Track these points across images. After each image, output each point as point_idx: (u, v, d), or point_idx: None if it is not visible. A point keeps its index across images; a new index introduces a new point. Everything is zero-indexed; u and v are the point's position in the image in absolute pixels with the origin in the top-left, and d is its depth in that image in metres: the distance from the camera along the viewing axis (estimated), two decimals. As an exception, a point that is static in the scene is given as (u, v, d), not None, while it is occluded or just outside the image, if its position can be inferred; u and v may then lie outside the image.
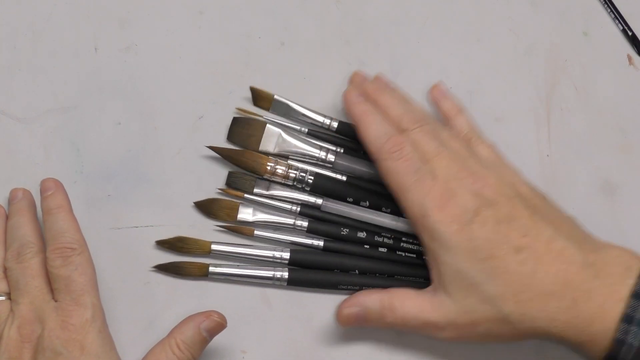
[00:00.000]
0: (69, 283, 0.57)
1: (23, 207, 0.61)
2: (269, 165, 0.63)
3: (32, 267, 0.58)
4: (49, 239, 0.59)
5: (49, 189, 0.60)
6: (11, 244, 0.59)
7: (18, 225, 0.60)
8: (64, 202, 0.60)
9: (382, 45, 0.68)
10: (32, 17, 0.66)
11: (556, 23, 0.69)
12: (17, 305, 0.57)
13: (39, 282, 0.58)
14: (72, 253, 0.58)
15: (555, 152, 0.67)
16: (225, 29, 0.67)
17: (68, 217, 0.59)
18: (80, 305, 0.57)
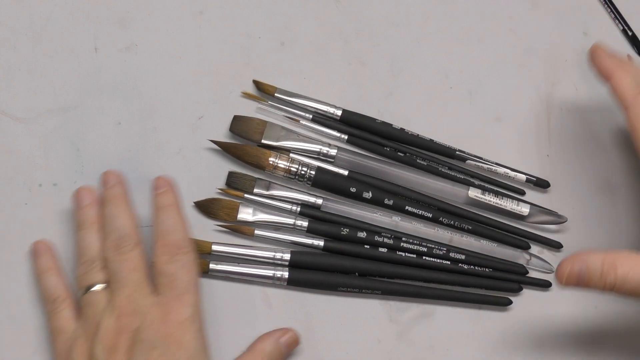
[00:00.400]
0: (173, 280, 0.57)
1: (118, 194, 0.61)
2: (271, 160, 0.63)
3: (132, 259, 0.58)
4: (159, 235, 0.59)
5: (162, 186, 0.60)
6: (109, 234, 0.59)
7: (116, 215, 0.60)
8: (176, 200, 0.60)
9: (382, 45, 0.68)
10: (32, 17, 0.66)
11: (556, 23, 0.69)
12: (116, 296, 0.57)
13: (139, 275, 0.58)
14: (180, 251, 0.58)
15: (555, 152, 0.67)
16: (225, 29, 0.67)
17: (179, 216, 0.60)
18: (182, 302, 0.57)
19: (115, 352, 0.55)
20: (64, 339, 0.58)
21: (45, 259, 0.61)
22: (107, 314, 0.57)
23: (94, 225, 0.60)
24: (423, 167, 0.65)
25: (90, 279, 0.59)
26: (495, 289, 0.64)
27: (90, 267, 0.59)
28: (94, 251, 0.59)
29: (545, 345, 0.63)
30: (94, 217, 0.61)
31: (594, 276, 0.57)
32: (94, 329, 0.57)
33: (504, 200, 0.65)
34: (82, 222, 0.61)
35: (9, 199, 0.63)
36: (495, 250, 0.64)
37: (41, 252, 0.61)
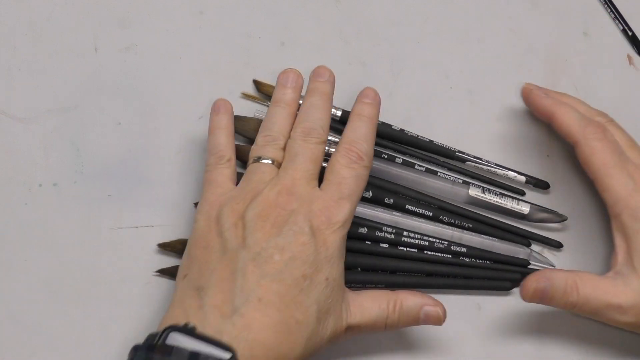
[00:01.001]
0: (342, 182, 0.57)
1: (326, 91, 0.61)
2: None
3: (314, 150, 0.58)
4: (346, 138, 0.59)
5: (370, 96, 0.61)
6: (303, 122, 0.59)
7: (317, 107, 0.60)
8: (376, 117, 0.60)
9: (382, 45, 0.68)
10: (32, 17, 0.66)
11: (556, 23, 0.69)
12: (284, 174, 0.57)
13: (313, 167, 0.58)
14: (360, 162, 0.58)
15: (555, 152, 0.67)
16: (225, 29, 0.67)
17: (373, 131, 0.60)
18: (341, 206, 0.57)
19: (265, 221, 0.55)
20: (219, 192, 0.58)
21: (224, 118, 0.61)
22: (270, 185, 0.57)
23: (289, 107, 0.61)
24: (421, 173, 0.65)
25: (266, 151, 0.59)
26: (498, 279, 0.63)
27: (269, 142, 0.59)
28: (279, 129, 0.60)
29: (545, 342, 0.63)
30: (292, 100, 0.61)
31: (556, 294, 0.59)
32: (252, 195, 0.57)
33: (504, 199, 0.65)
34: (279, 100, 0.61)
35: (9, 199, 0.63)
36: (496, 247, 0.64)
37: (221, 110, 0.61)
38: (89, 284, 0.62)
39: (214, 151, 0.60)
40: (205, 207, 0.58)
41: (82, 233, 0.63)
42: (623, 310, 0.59)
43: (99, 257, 0.63)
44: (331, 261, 0.56)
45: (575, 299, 0.59)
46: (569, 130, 0.62)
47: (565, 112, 0.62)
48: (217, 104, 0.61)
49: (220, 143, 0.60)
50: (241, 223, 0.56)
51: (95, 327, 0.62)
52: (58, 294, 0.62)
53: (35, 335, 0.61)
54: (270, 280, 0.54)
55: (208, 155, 0.60)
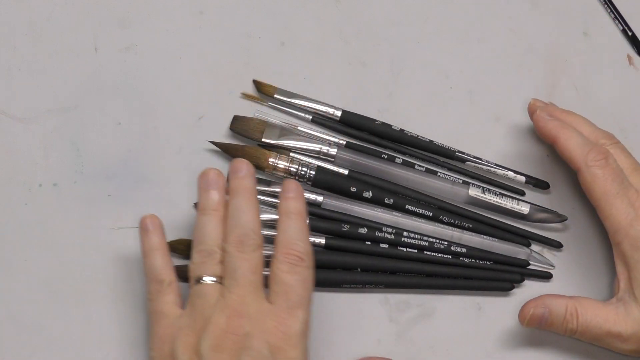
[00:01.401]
0: (289, 291, 0.56)
1: (249, 187, 0.58)
2: (270, 161, 0.63)
3: (253, 260, 0.56)
4: (281, 242, 0.57)
5: (292, 190, 0.58)
6: (234, 228, 0.57)
7: (243, 209, 0.57)
8: (304, 210, 0.58)
9: (382, 45, 0.68)
10: (32, 16, 0.66)
11: (556, 23, 0.69)
12: (230, 294, 0.55)
13: (256, 278, 0.56)
14: (301, 264, 0.56)
15: (555, 152, 0.67)
16: (225, 29, 0.67)
17: (305, 227, 0.58)
18: (295, 316, 0.55)
19: (221, 352, 0.54)
20: (167, 324, 0.56)
21: (155, 237, 0.59)
22: (218, 310, 0.55)
23: (216, 213, 0.58)
24: (421, 173, 0.65)
25: (205, 269, 0.57)
26: (498, 280, 0.64)
27: (207, 258, 0.57)
28: (213, 241, 0.57)
29: (545, 343, 0.63)
30: (217, 203, 0.58)
31: (556, 321, 0.59)
32: (201, 323, 0.55)
33: (504, 199, 0.65)
34: (205, 208, 0.58)
35: (9, 199, 0.63)
36: (496, 247, 0.64)
37: (150, 230, 0.59)
38: (89, 284, 0.62)
39: (152, 276, 0.58)
40: (156, 343, 0.56)
41: (82, 233, 0.63)
42: (623, 338, 0.59)
43: (99, 257, 0.63)
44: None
45: (574, 326, 0.59)
46: (571, 156, 0.61)
47: (569, 137, 0.61)
48: (144, 222, 0.59)
49: (157, 267, 0.58)
50: (197, 359, 0.54)
51: (95, 327, 0.62)
52: (58, 294, 0.62)
53: (35, 335, 0.61)
54: None
55: (147, 281, 0.58)
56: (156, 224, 0.59)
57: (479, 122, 0.67)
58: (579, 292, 0.64)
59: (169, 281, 0.58)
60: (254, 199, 0.58)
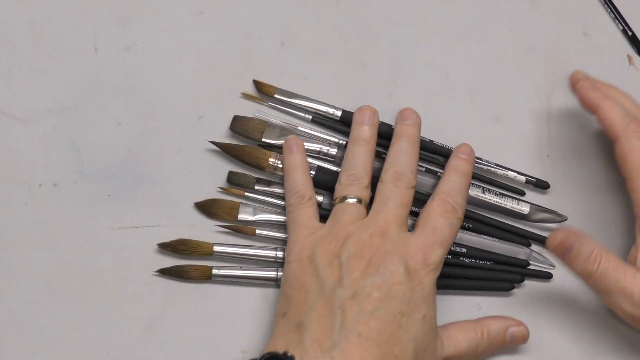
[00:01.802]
0: (437, 228, 0.59)
1: (413, 134, 0.62)
2: (271, 161, 0.63)
3: (405, 195, 0.60)
4: (442, 189, 0.60)
5: (464, 152, 0.62)
6: (393, 166, 0.61)
7: (406, 152, 0.61)
8: (470, 173, 0.62)
9: (382, 45, 0.68)
10: (32, 16, 0.66)
11: (556, 23, 0.69)
12: (376, 217, 0.59)
13: (404, 211, 0.59)
14: (454, 213, 0.59)
15: (555, 152, 0.67)
16: (225, 29, 0.67)
17: (466, 187, 0.61)
18: (434, 250, 0.58)
19: (360, 261, 0.56)
20: (305, 232, 0.60)
21: (298, 157, 0.63)
22: (362, 226, 0.58)
23: (367, 144, 0.62)
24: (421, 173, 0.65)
25: (351, 190, 0.60)
26: (498, 280, 0.64)
27: (355, 181, 0.61)
28: (362, 168, 0.61)
29: (545, 344, 0.63)
30: (370, 137, 0.63)
31: (579, 258, 0.59)
32: (344, 235, 0.58)
33: (504, 199, 0.65)
34: (357, 138, 0.62)
35: (9, 199, 0.63)
36: (496, 247, 0.64)
37: (294, 149, 0.63)
38: (89, 284, 0.62)
39: (294, 191, 0.62)
40: (295, 248, 0.59)
41: (82, 233, 0.63)
42: (633, 301, 0.58)
43: (99, 257, 0.63)
44: (427, 301, 0.57)
45: (593, 270, 0.59)
46: (611, 126, 0.61)
47: (610, 107, 0.62)
48: (289, 142, 0.63)
49: (298, 183, 0.62)
50: (337, 263, 0.57)
51: (95, 327, 0.62)
52: (58, 294, 0.62)
53: (35, 335, 0.61)
54: (369, 317, 0.55)
55: (288, 195, 0.62)
56: (300, 145, 0.63)
57: (479, 122, 0.67)
58: (579, 292, 0.64)
59: (310, 196, 0.62)
60: (416, 146, 0.62)
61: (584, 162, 0.67)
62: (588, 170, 0.67)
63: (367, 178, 0.61)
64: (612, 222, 0.66)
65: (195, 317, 0.62)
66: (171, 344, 0.62)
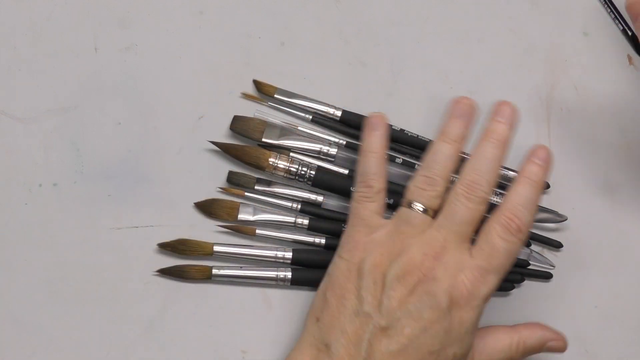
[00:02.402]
0: (493, 254, 0.55)
1: (504, 136, 0.57)
2: (270, 160, 0.63)
3: (476, 213, 0.55)
4: (510, 202, 0.55)
5: (541, 157, 0.56)
6: (471, 172, 0.56)
7: (489, 157, 0.56)
8: (544, 182, 0.57)
9: (382, 45, 0.68)
10: (32, 17, 0.66)
11: (556, 23, 0.69)
12: (436, 233, 0.55)
13: (469, 230, 0.55)
14: (517, 235, 0.55)
15: (555, 152, 0.67)
16: (225, 29, 0.67)
17: (537, 199, 0.56)
18: (486, 281, 0.54)
19: (403, 285, 0.54)
20: (365, 232, 0.57)
21: (378, 140, 0.59)
22: (418, 244, 0.55)
23: (455, 144, 0.57)
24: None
25: (422, 197, 0.56)
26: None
27: (428, 186, 0.56)
28: (440, 170, 0.56)
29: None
30: (459, 136, 0.57)
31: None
32: (399, 249, 0.55)
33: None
34: (446, 134, 0.57)
35: (9, 199, 0.63)
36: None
37: (377, 128, 0.59)
38: (89, 284, 0.62)
39: (363, 179, 0.58)
40: (349, 245, 0.57)
41: (82, 233, 0.63)
42: None
43: (99, 257, 0.63)
44: (463, 339, 0.54)
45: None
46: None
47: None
48: (374, 120, 0.59)
49: (370, 171, 0.58)
50: (381, 282, 0.54)
51: (95, 327, 0.62)
52: (58, 294, 0.62)
53: (35, 335, 0.61)
54: (396, 354, 0.53)
55: (357, 179, 0.59)
56: (384, 125, 0.59)
57: (479, 122, 0.67)
58: (578, 292, 0.64)
59: (378, 189, 0.58)
60: (504, 149, 0.56)
61: (584, 162, 0.67)
62: (588, 170, 0.67)
63: (444, 183, 0.56)
64: (612, 222, 0.66)
65: (195, 317, 0.62)
66: (171, 344, 0.62)
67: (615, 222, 0.66)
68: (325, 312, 0.56)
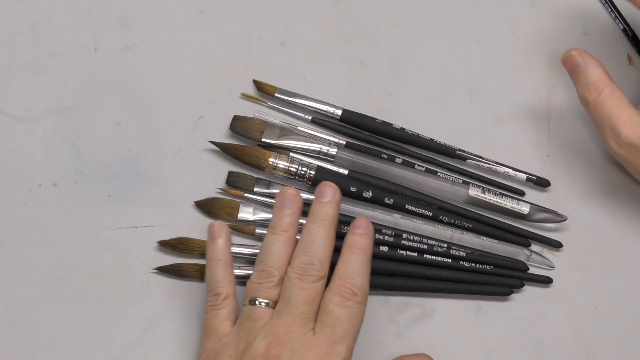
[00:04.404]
0: (336, 324, 0.55)
1: (329, 215, 0.58)
2: (270, 160, 0.63)
3: (311, 291, 0.56)
4: (339, 272, 0.56)
5: (362, 227, 0.57)
6: (301, 254, 0.56)
7: (317, 238, 0.57)
8: (370, 248, 0.57)
9: (382, 45, 0.68)
10: (32, 17, 0.66)
11: (556, 23, 0.69)
12: (278, 321, 0.55)
13: (309, 309, 0.55)
14: (354, 298, 0.55)
15: (555, 152, 0.67)
16: (225, 29, 0.67)
17: (367, 264, 0.57)
18: (335, 352, 0.54)
19: None
20: (215, 340, 0.57)
21: (220, 247, 0.59)
22: (261, 335, 0.55)
23: (285, 234, 0.57)
24: (421, 173, 0.65)
25: (260, 291, 0.56)
26: (497, 285, 0.64)
27: (265, 280, 0.57)
28: (275, 262, 0.57)
29: (545, 344, 0.63)
30: (289, 225, 0.58)
31: (581, 80, 0.60)
32: (244, 346, 0.55)
33: (504, 199, 0.65)
34: (275, 226, 0.58)
35: (9, 199, 0.63)
36: (496, 248, 0.64)
37: (216, 236, 0.59)
38: (89, 284, 0.62)
39: (210, 288, 0.58)
40: (202, 357, 0.57)
41: (82, 233, 0.63)
42: (620, 141, 0.59)
43: (99, 257, 0.63)
44: None
45: (591, 98, 0.60)
46: None
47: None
48: (213, 229, 0.60)
49: (216, 278, 0.58)
50: None
51: (95, 327, 0.62)
52: (58, 294, 0.62)
53: (35, 335, 0.62)
54: None
55: (206, 289, 0.59)
56: (225, 232, 0.59)
57: (479, 122, 0.67)
58: (579, 292, 0.65)
59: (225, 295, 0.58)
60: (331, 228, 0.57)
61: (584, 162, 0.67)
62: (588, 170, 0.67)
63: (280, 274, 0.56)
64: (612, 222, 0.66)
65: (194, 317, 0.62)
66: (171, 343, 0.62)
67: (615, 222, 0.66)
68: None
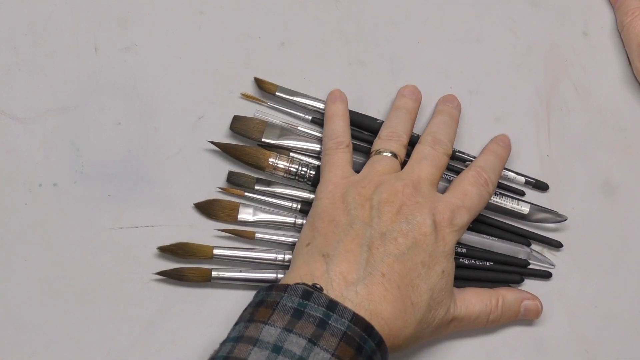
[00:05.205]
0: (467, 194, 0.60)
1: (456, 115, 0.65)
2: (270, 161, 0.63)
3: (441, 159, 0.61)
4: (479, 163, 0.62)
5: (503, 140, 0.65)
6: (434, 132, 0.63)
7: (447, 125, 0.63)
8: (506, 158, 0.65)
9: (382, 45, 0.68)
10: (32, 17, 0.66)
11: (556, 23, 0.69)
12: (411, 171, 0.60)
13: (437, 173, 0.61)
14: (486, 187, 0.61)
15: (555, 152, 0.67)
16: (225, 29, 0.67)
17: (501, 168, 0.64)
18: (462, 213, 0.59)
19: (391, 207, 0.58)
20: (340, 174, 0.61)
21: (341, 107, 0.64)
22: (395, 176, 0.60)
23: (409, 113, 0.64)
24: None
25: (389, 145, 0.62)
26: (497, 281, 0.64)
27: (393, 137, 0.62)
28: (402, 128, 0.63)
29: (545, 343, 0.63)
30: (412, 108, 0.64)
31: (623, 8, 0.67)
32: (377, 182, 0.59)
33: (504, 199, 0.65)
34: (400, 106, 0.64)
35: (9, 199, 0.63)
36: (496, 247, 0.64)
37: (338, 100, 0.64)
38: (89, 284, 0.62)
39: (333, 137, 0.63)
40: (328, 187, 0.60)
41: (82, 233, 0.63)
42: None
43: (99, 257, 0.63)
44: (448, 257, 0.58)
45: (626, 22, 0.66)
46: None
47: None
48: (334, 93, 0.65)
49: (338, 130, 0.63)
50: (368, 205, 0.58)
51: (95, 327, 0.62)
52: (58, 294, 0.62)
53: (35, 335, 0.61)
54: (394, 260, 0.56)
55: (325, 140, 0.63)
56: (343, 97, 0.65)
57: (479, 122, 0.67)
58: (579, 292, 0.65)
59: (347, 143, 0.63)
60: (456, 123, 0.64)
61: (584, 162, 0.67)
62: (588, 170, 0.67)
63: (406, 138, 0.63)
64: (612, 222, 0.66)
65: (194, 318, 0.62)
66: (171, 344, 0.62)
67: (615, 222, 0.66)
68: (317, 235, 0.58)
